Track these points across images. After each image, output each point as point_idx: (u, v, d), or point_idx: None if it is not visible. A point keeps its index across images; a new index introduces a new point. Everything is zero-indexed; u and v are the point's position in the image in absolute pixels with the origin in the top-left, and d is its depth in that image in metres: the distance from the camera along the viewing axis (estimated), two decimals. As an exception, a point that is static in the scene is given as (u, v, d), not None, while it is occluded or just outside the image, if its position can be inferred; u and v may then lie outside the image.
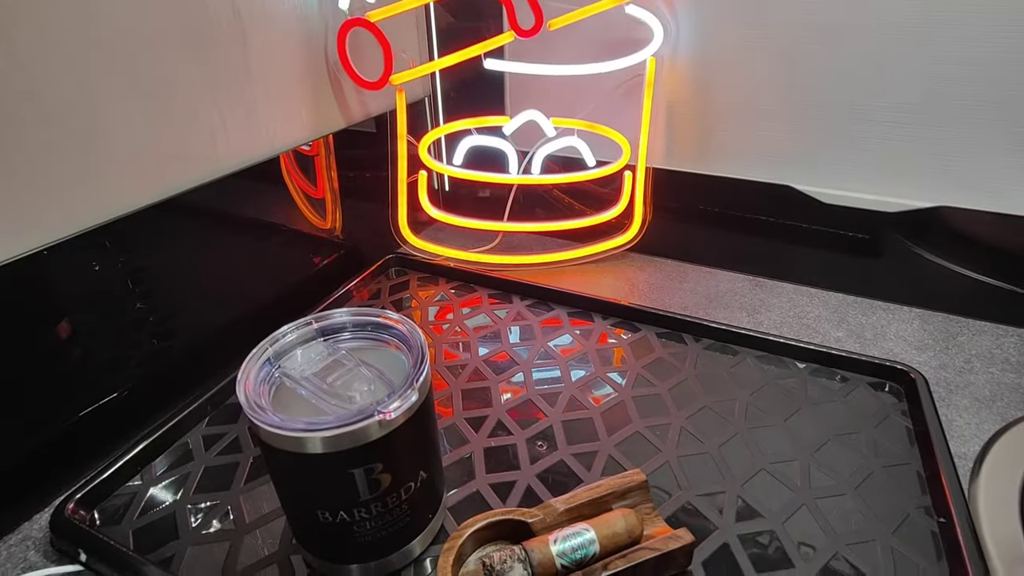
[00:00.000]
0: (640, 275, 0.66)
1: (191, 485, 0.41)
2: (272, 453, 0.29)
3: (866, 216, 0.64)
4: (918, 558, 0.35)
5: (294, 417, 0.28)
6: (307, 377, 0.31)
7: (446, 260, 0.67)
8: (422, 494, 0.33)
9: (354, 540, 0.32)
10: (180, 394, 0.47)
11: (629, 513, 0.34)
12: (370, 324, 0.35)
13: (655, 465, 0.41)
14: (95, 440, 0.44)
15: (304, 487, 0.30)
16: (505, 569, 0.30)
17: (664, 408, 0.46)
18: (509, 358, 0.52)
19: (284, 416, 0.28)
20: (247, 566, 0.35)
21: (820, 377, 0.49)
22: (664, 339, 0.54)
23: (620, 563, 0.32)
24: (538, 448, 0.43)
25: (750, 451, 0.42)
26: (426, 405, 0.31)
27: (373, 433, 0.28)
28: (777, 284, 0.64)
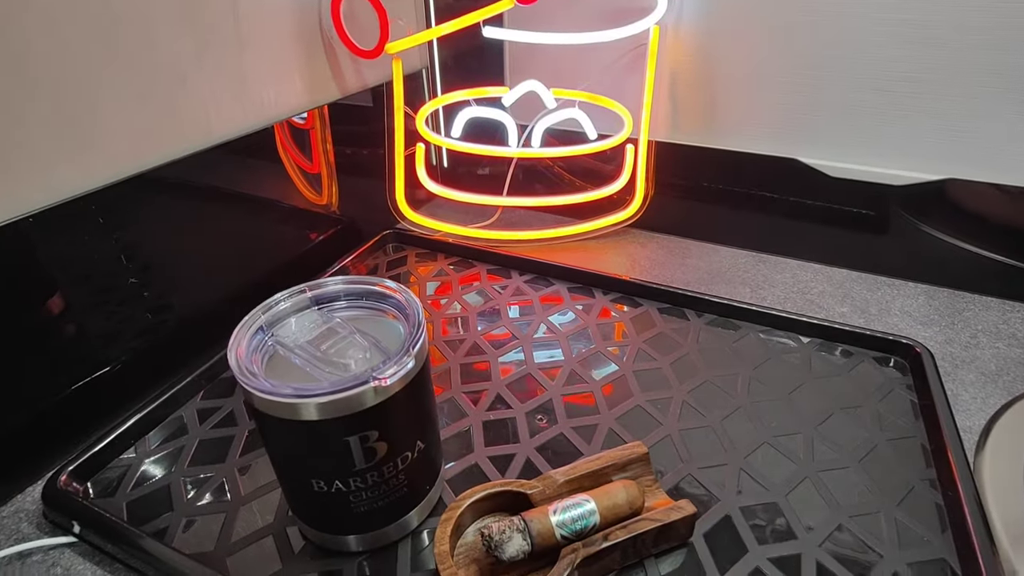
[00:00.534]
0: (641, 251, 0.65)
1: (185, 458, 0.40)
2: (265, 421, 0.28)
3: (872, 191, 0.63)
4: (923, 530, 0.35)
5: (287, 383, 0.27)
6: (301, 345, 0.31)
7: (444, 236, 0.66)
8: (419, 465, 0.33)
9: (350, 511, 0.31)
10: (175, 368, 0.47)
11: (630, 484, 0.34)
12: (366, 293, 0.34)
13: (656, 438, 0.41)
14: (88, 414, 0.43)
15: (298, 455, 0.29)
16: (504, 539, 0.30)
17: (665, 382, 0.46)
18: (508, 333, 0.52)
19: (277, 382, 0.27)
20: (242, 537, 0.35)
21: (824, 352, 0.49)
22: (666, 314, 0.53)
23: (621, 533, 0.32)
24: (537, 422, 0.42)
25: (753, 424, 0.42)
26: (423, 373, 0.30)
27: (368, 400, 0.28)
28: (780, 260, 0.63)
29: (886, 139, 0.55)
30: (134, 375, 0.47)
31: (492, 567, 0.32)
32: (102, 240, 0.45)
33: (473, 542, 0.33)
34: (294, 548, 0.34)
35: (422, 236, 0.65)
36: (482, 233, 0.66)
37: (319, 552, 0.34)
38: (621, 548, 0.32)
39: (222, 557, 0.34)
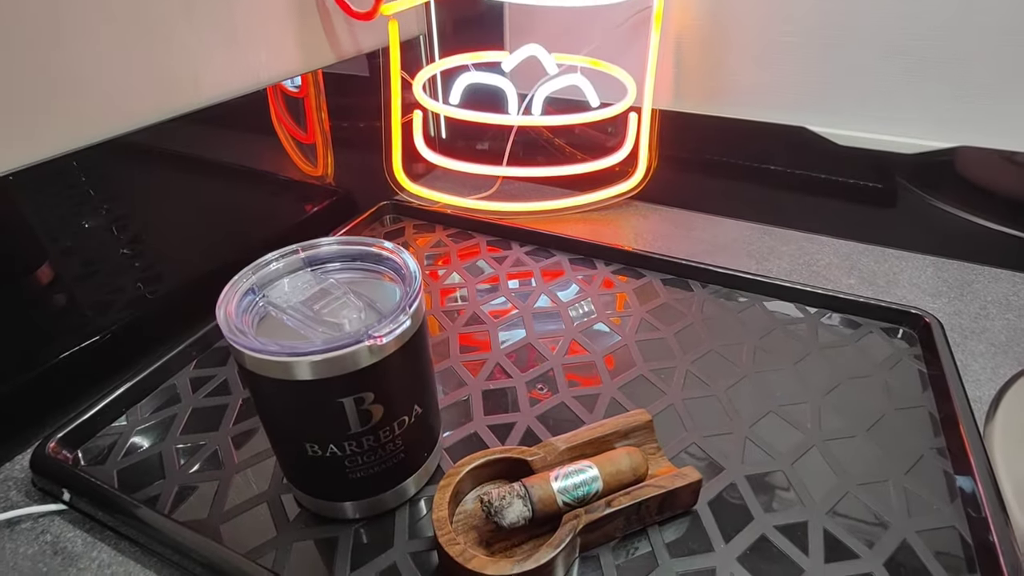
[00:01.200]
0: (643, 223, 0.64)
1: (178, 426, 0.39)
2: (257, 382, 0.27)
3: (880, 161, 0.61)
4: (932, 498, 0.34)
5: (280, 341, 0.26)
6: (293, 306, 0.29)
7: (443, 207, 0.64)
8: (417, 430, 0.32)
9: (345, 476, 0.30)
10: (167, 338, 0.46)
11: (634, 451, 0.33)
12: (362, 254, 0.33)
13: (660, 407, 0.40)
14: (79, 383, 0.42)
15: (291, 418, 0.28)
16: (504, 505, 0.29)
17: (669, 352, 0.45)
18: (508, 303, 0.50)
19: (267, 340, 0.26)
20: (236, 504, 0.34)
21: (831, 322, 0.48)
22: (669, 285, 0.52)
23: (624, 500, 0.31)
24: (538, 391, 0.41)
25: (758, 394, 0.41)
26: (420, 335, 0.29)
27: (363, 360, 0.27)
28: (786, 232, 0.62)
29: (899, 105, 0.54)
30: (126, 344, 0.46)
31: (492, 534, 0.31)
32: (94, 211, 0.44)
33: (472, 509, 0.32)
34: (289, 515, 0.34)
35: (420, 207, 0.64)
36: (481, 204, 0.64)
37: (314, 519, 0.33)
38: (624, 515, 0.31)
39: (215, 525, 0.33)
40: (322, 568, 0.31)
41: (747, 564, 0.31)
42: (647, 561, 0.31)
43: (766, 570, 0.30)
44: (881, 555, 0.31)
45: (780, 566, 0.31)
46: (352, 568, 0.31)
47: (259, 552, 0.32)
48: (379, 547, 0.32)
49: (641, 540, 0.32)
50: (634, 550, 0.32)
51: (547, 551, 0.28)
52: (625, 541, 0.32)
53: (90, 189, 0.43)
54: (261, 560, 0.31)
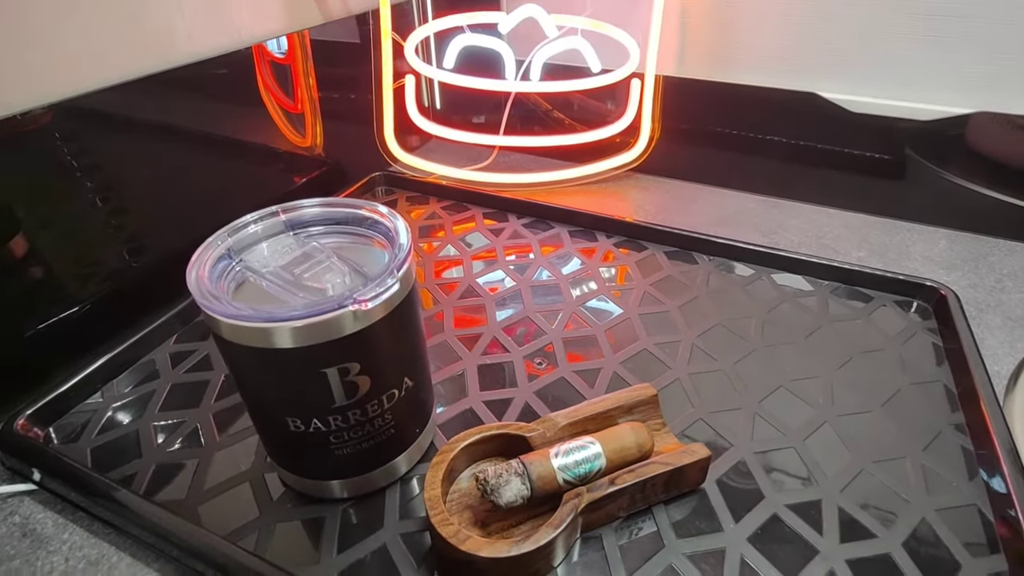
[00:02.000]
0: (645, 196, 0.61)
1: (156, 403, 0.37)
2: (233, 352, 0.25)
3: (891, 132, 0.59)
4: (951, 475, 0.32)
5: (257, 307, 0.24)
6: (271, 270, 0.27)
7: (437, 179, 0.62)
8: (407, 405, 0.30)
9: (331, 453, 0.28)
10: (148, 311, 0.43)
11: (638, 427, 0.31)
12: (348, 217, 0.30)
13: (665, 382, 0.38)
14: (54, 357, 0.40)
15: (271, 391, 0.26)
16: (500, 483, 0.27)
17: (673, 326, 0.43)
18: (505, 276, 0.48)
19: (243, 305, 0.24)
20: (216, 484, 0.32)
21: (842, 295, 0.46)
22: (673, 257, 0.50)
23: (628, 478, 0.29)
24: (537, 366, 0.40)
25: (767, 369, 0.39)
26: (409, 302, 0.27)
27: (347, 326, 0.24)
28: (794, 204, 0.59)
29: (917, 69, 0.51)
30: (104, 318, 0.43)
31: (488, 514, 0.29)
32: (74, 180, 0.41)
33: (467, 488, 0.30)
34: (273, 495, 0.32)
35: (413, 178, 0.61)
36: (477, 176, 0.62)
37: (300, 499, 0.31)
38: (628, 494, 0.29)
39: (193, 505, 0.31)
40: (307, 550, 0.29)
41: (758, 544, 0.29)
42: (652, 542, 0.29)
43: (778, 551, 0.29)
44: (899, 534, 0.29)
45: (793, 547, 0.29)
46: (339, 550, 0.29)
47: (240, 534, 0.30)
48: (368, 528, 0.30)
49: (646, 520, 0.30)
50: (638, 530, 0.30)
51: (547, 532, 0.26)
52: (629, 521, 0.30)
53: (71, 159, 0.41)
54: (242, 542, 0.29)
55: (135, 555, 0.30)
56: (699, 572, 0.28)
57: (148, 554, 0.30)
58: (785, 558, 0.28)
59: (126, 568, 0.29)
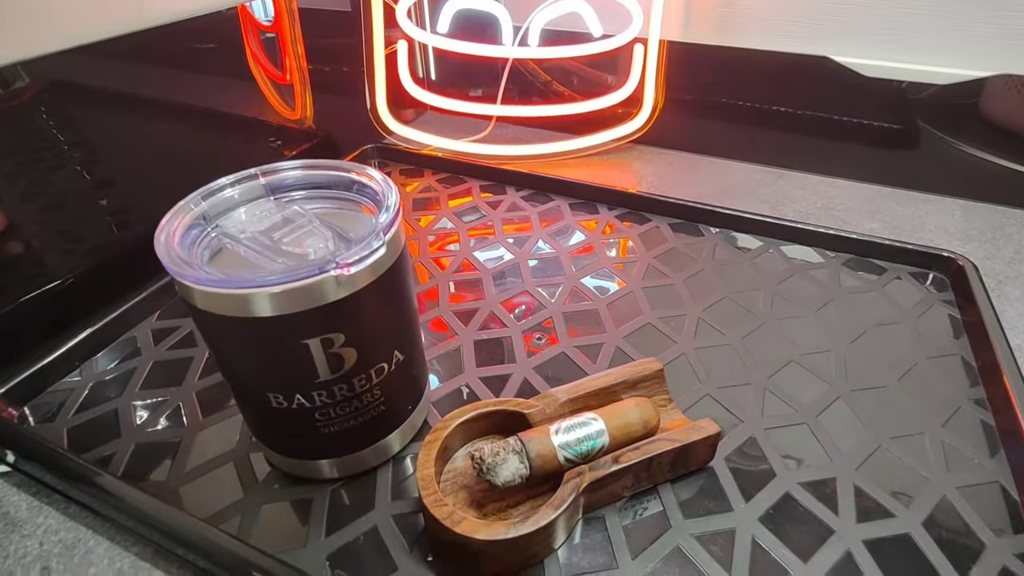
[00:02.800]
0: (647, 168, 0.59)
1: (137, 381, 0.36)
2: (208, 322, 0.23)
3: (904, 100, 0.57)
4: (972, 451, 0.31)
5: (232, 272, 0.22)
6: (249, 235, 0.25)
7: (432, 151, 0.59)
8: (398, 380, 0.28)
9: (317, 431, 0.26)
10: (132, 286, 0.41)
11: (644, 402, 0.29)
12: (334, 181, 0.28)
13: (670, 357, 0.36)
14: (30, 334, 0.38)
15: (250, 364, 0.24)
16: (498, 462, 0.26)
17: (679, 299, 0.41)
18: (503, 249, 0.46)
19: (216, 271, 0.22)
20: (198, 465, 0.31)
21: (853, 267, 0.44)
22: (677, 230, 0.48)
23: (633, 456, 0.27)
24: (536, 341, 0.38)
25: (777, 343, 0.37)
26: (398, 269, 0.25)
27: (330, 293, 0.22)
28: (801, 175, 0.57)
29: (932, 31, 0.49)
30: (85, 293, 0.42)
31: (484, 494, 0.28)
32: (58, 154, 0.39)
33: (463, 467, 0.29)
34: (258, 475, 0.30)
35: (407, 150, 0.59)
36: (474, 148, 0.59)
37: (286, 480, 0.30)
38: (633, 472, 0.28)
39: (175, 487, 0.30)
40: (294, 532, 0.27)
41: (770, 525, 0.27)
42: (658, 522, 0.28)
43: (792, 531, 0.27)
44: (919, 513, 0.28)
45: (808, 527, 0.27)
46: (328, 532, 0.27)
47: (223, 516, 0.28)
48: (358, 509, 0.28)
49: (651, 499, 0.29)
50: (643, 510, 0.28)
51: (547, 512, 0.25)
52: (633, 501, 0.29)
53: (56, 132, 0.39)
54: (225, 525, 0.28)
55: (113, 539, 0.28)
56: (708, 554, 0.26)
57: (127, 538, 0.28)
58: (799, 539, 0.27)
59: (103, 552, 0.28)
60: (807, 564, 0.26)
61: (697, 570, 0.26)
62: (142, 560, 0.27)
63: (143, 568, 0.27)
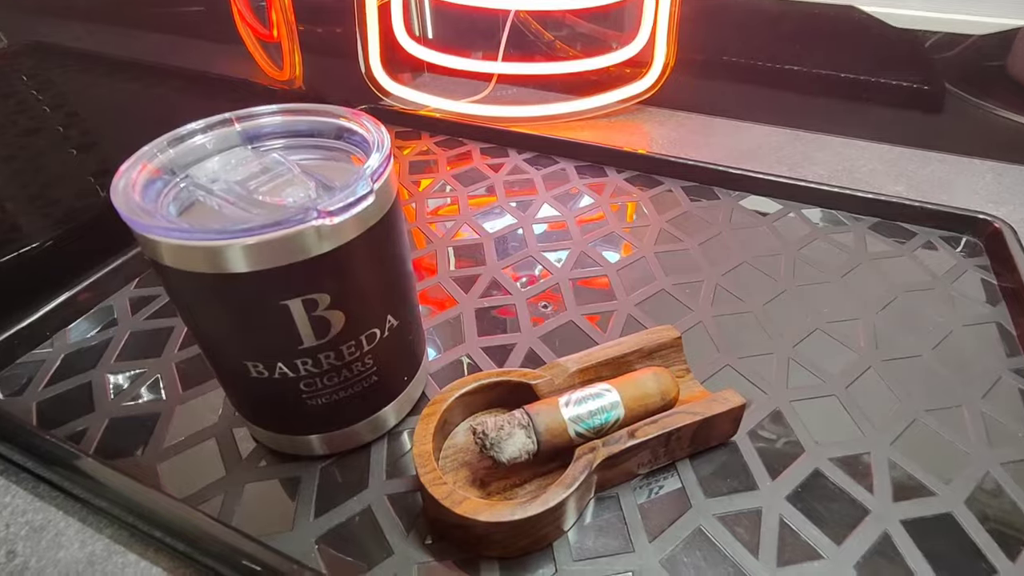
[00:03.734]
0: (659, 130, 0.56)
1: (113, 352, 0.33)
2: (176, 280, 0.21)
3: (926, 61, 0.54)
4: (1016, 425, 0.28)
5: (200, 223, 0.19)
6: (221, 184, 0.22)
7: (430, 111, 0.56)
8: (392, 348, 0.25)
9: (303, 404, 0.24)
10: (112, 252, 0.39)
11: (662, 372, 0.27)
12: (319, 128, 0.25)
13: (687, 325, 0.34)
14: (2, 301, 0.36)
15: (224, 328, 0.22)
16: (502, 437, 0.23)
17: (694, 265, 0.38)
18: (505, 213, 0.43)
19: (182, 221, 0.19)
20: (178, 441, 0.28)
21: (880, 231, 0.41)
22: (691, 193, 0.45)
23: (651, 429, 0.25)
24: (542, 309, 0.35)
25: (801, 310, 0.35)
26: (390, 222, 0.23)
27: (311, 246, 0.20)
28: (821, 137, 0.54)
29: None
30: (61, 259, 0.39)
31: (488, 472, 0.25)
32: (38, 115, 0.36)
33: (464, 443, 0.26)
34: (242, 452, 0.28)
35: (403, 111, 0.56)
36: (474, 109, 0.56)
37: (273, 457, 0.28)
38: (651, 447, 0.25)
39: (152, 464, 0.27)
40: (280, 513, 0.25)
41: (799, 504, 0.25)
42: (677, 501, 0.26)
43: (823, 511, 0.25)
44: (961, 491, 0.26)
45: (840, 505, 0.25)
46: (317, 513, 0.25)
47: (202, 496, 0.26)
48: (351, 488, 0.26)
49: (669, 477, 0.26)
50: (659, 488, 0.26)
51: (557, 492, 0.22)
52: (650, 478, 0.26)
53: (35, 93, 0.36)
54: (206, 505, 0.25)
55: (85, 520, 0.26)
56: (732, 535, 0.24)
57: (100, 520, 0.26)
58: (831, 519, 0.25)
59: (74, 535, 0.26)
60: (841, 547, 0.24)
61: (721, 553, 0.24)
62: (116, 543, 0.25)
63: (117, 551, 0.25)
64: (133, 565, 0.25)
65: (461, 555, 0.24)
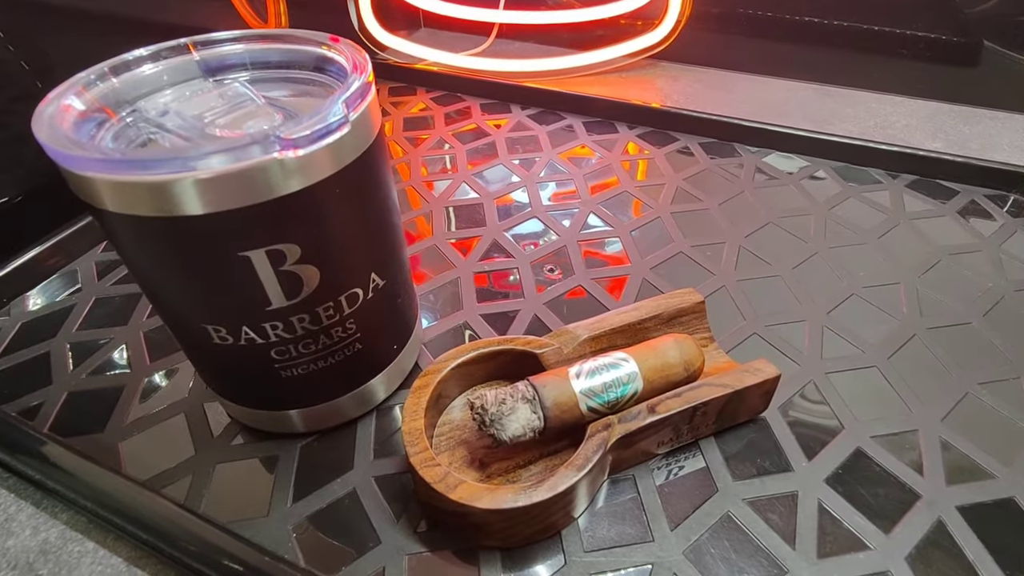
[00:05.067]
0: (672, 85, 0.52)
1: (75, 320, 0.30)
2: (118, 228, 0.17)
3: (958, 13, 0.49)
4: (1082, 400, 0.25)
5: (137, 152, 0.16)
6: (175, 120, 0.19)
7: (428, 66, 0.52)
8: (378, 312, 0.22)
9: (276, 375, 0.21)
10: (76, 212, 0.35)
11: (685, 339, 0.23)
12: (292, 57, 0.22)
13: (708, 290, 0.31)
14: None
15: (178, 284, 0.19)
16: (503, 412, 0.20)
17: (715, 226, 0.35)
18: (508, 171, 0.40)
19: (114, 151, 0.16)
20: (143, 417, 0.25)
21: (919, 190, 0.37)
22: (710, 150, 0.42)
23: (674, 404, 0.22)
24: (547, 273, 0.32)
25: (835, 273, 0.31)
26: (370, 160, 0.19)
27: (275, 184, 0.16)
28: (850, 92, 0.50)
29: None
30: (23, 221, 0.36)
31: (488, 452, 0.22)
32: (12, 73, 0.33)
33: (462, 419, 0.23)
34: (213, 429, 0.25)
35: (398, 65, 0.52)
36: (474, 63, 0.52)
37: (248, 434, 0.25)
38: (673, 424, 0.22)
39: (113, 443, 0.24)
40: (255, 497, 0.22)
41: (840, 487, 0.22)
42: (701, 484, 0.23)
43: (867, 495, 0.22)
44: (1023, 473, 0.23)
45: (887, 489, 0.22)
46: (296, 497, 0.22)
47: (169, 477, 0.23)
48: (334, 469, 0.23)
49: (692, 457, 0.24)
50: (680, 469, 0.23)
51: (567, 475, 0.19)
52: (670, 458, 0.24)
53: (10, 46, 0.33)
54: (171, 488, 0.23)
55: (39, 504, 0.23)
56: (765, 522, 0.21)
57: (55, 504, 0.23)
58: (877, 505, 0.22)
59: (26, 520, 0.23)
60: (889, 536, 0.21)
61: (753, 543, 0.21)
62: (73, 530, 0.23)
63: (74, 539, 0.22)
64: (91, 554, 0.22)
65: (458, 545, 0.21)
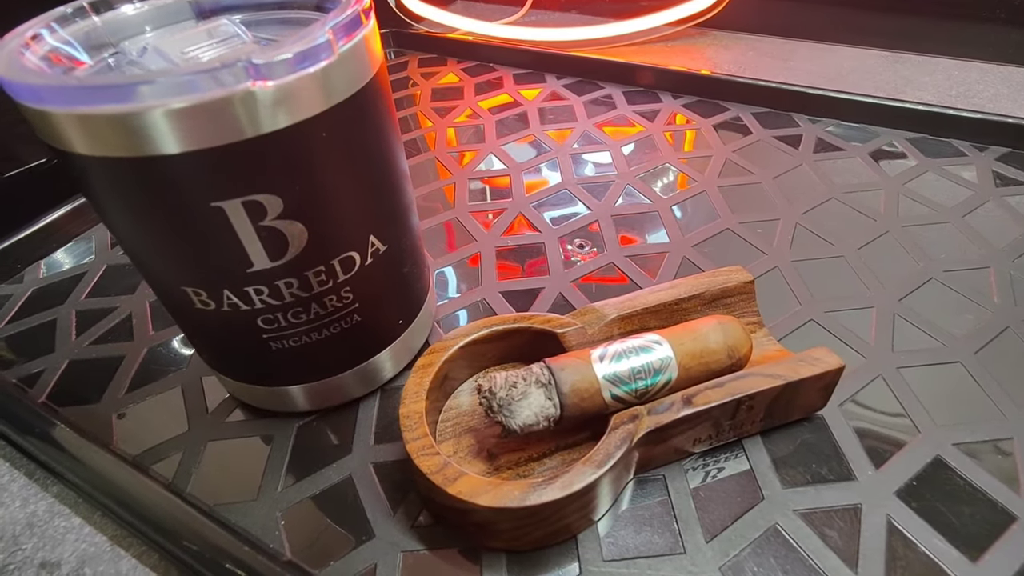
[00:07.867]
0: (723, 55, 0.48)
1: (86, 287, 0.29)
2: (79, 170, 0.16)
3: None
4: None
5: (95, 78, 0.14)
6: (151, 52, 0.17)
7: (460, 35, 0.50)
8: (379, 280, 0.20)
9: (265, 346, 0.19)
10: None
11: (730, 321, 0.20)
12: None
13: (759, 271, 0.27)
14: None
15: (147, 239, 0.17)
16: (514, 396, 0.18)
17: (768, 201, 0.31)
18: (537, 141, 0.37)
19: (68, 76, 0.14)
20: (140, 389, 0.24)
21: (1012, 163, 0.33)
22: (765, 121, 0.38)
23: (715, 395, 0.19)
24: (577, 248, 0.29)
25: (909, 256, 0.27)
26: (366, 102, 0.17)
27: (249, 119, 0.14)
28: (928, 59, 0.45)
29: None
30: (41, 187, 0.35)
31: (498, 442, 0.20)
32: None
33: (470, 404, 0.21)
34: (209, 404, 0.23)
35: (429, 35, 0.49)
36: (509, 32, 0.49)
37: (244, 410, 0.23)
38: (713, 419, 0.19)
39: (107, 415, 0.23)
40: (245, 479, 0.21)
41: (915, 503, 0.19)
42: (744, 489, 0.19)
43: (947, 512, 0.18)
44: None
45: (973, 508, 0.18)
46: (288, 481, 0.20)
47: (159, 453, 0.22)
48: (331, 453, 0.21)
49: (734, 457, 0.20)
50: (719, 471, 0.20)
51: (584, 472, 0.17)
52: (707, 457, 0.20)
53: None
54: (160, 465, 0.21)
55: (32, 475, 0.22)
56: (820, 539, 0.18)
57: (46, 476, 0.22)
58: (961, 526, 0.18)
59: (17, 491, 0.22)
60: (978, 564, 0.17)
61: (805, 562, 0.18)
62: (62, 503, 0.21)
63: (61, 513, 0.21)
64: (76, 530, 0.21)
65: (459, 544, 0.18)
